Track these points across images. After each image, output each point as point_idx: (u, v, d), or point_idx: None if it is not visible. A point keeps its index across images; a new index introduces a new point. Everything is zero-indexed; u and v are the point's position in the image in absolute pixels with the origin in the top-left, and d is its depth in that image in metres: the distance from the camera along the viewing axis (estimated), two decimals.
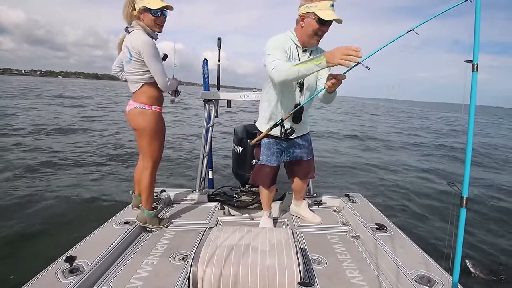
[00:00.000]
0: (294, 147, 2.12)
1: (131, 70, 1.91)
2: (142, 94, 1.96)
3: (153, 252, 1.83)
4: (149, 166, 2.07)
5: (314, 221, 2.29)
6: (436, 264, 1.64)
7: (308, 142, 2.17)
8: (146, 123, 1.97)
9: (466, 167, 0.97)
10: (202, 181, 2.91)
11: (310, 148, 2.20)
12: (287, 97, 1.91)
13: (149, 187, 2.09)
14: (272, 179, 2.14)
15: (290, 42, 1.82)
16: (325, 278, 1.60)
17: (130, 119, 2.00)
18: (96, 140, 8.48)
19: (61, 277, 1.43)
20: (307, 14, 1.70)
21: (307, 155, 2.18)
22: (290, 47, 1.81)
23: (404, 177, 6.18)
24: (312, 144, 2.24)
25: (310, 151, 2.19)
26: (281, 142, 2.06)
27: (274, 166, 2.09)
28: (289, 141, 2.06)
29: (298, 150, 2.13)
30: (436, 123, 18.14)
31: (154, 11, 1.84)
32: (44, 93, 25.84)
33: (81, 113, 14.31)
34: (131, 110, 1.98)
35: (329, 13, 1.64)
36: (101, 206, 4.08)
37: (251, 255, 1.42)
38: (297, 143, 2.11)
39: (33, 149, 6.93)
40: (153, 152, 2.05)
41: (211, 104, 2.97)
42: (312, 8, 1.67)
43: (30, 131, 8.98)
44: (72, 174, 5.39)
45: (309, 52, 1.88)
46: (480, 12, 0.94)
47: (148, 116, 1.96)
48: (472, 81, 0.95)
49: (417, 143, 10.67)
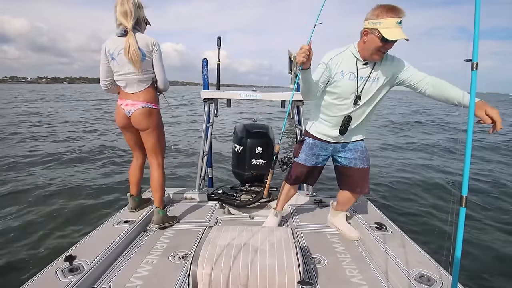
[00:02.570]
0: (345, 151, 1.99)
1: (142, 70, 1.93)
2: (148, 94, 2.00)
3: (153, 251, 1.83)
4: (161, 163, 2.13)
5: (351, 235, 2.08)
6: (436, 263, 1.64)
7: (362, 148, 1.99)
8: (156, 121, 2.05)
9: (466, 166, 0.97)
10: (201, 180, 2.91)
11: (366, 156, 1.99)
12: (338, 107, 1.86)
13: (164, 184, 2.15)
14: (301, 178, 2.09)
15: (346, 57, 1.78)
16: (325, 277, 1.61)
17: (137, 119, 1.99)
18: (97, 139, 8.48)
19: (60, 276, 1.43)
20: (371, 31, 1.61)
21: (361, 162, 1.97)
22: (340, 63, 1.77)
23: (404, 176, 6.18)
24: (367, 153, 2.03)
25: (364, 158, 1.98)
26: (327, 145, 2.00)
27: (309, 167, 2.04)
28: (338, 144, 1.99)
29: (349, 154, 1.98)
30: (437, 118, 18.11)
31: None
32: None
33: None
34: (137, 110, 1.96)
35: (395, 32, 1.54)
36: (100, 205, 4.08)
37: (251, 254, 1.42)
38: (348, 147, 1.98)
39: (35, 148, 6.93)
40: (162, 148, 2.13)
41: (211, 103, 2.97)
42: (377, 24, 1.57)
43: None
44: (72, 173, 5.39)
45: (372, 64, 1.76)
46: (480, 11, 0.93)
47: (156, 115, 2.04)
48: (471, 80, 0.95)
49: (417, 141, 10.67)
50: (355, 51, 1.76)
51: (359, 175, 1.99)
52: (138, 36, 1.90)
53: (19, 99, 25.77)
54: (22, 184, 4.71)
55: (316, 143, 2.01)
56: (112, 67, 1.97)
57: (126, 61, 1.90)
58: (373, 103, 1.84)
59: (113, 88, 2.08)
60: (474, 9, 0.93)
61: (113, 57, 1.92)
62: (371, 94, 1.79)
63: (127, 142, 2.20)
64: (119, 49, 1.89)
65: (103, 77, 2.03)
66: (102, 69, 2.01)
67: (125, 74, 1.95)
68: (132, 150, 2.24)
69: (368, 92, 1.78)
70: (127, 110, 1.99)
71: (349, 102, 1.81)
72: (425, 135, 12.86)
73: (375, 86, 1.77)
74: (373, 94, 1.80)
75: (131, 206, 2.29)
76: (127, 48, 1.85)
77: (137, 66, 1.90)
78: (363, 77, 1.76)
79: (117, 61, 1.93)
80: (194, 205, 2.60)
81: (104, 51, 1.94)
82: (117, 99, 2.06)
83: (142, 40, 1.90)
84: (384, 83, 1.78)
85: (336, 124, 1.88)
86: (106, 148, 7.51)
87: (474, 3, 0.93)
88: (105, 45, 1.94)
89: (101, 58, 1.98)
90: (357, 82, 1.76)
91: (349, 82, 1.77)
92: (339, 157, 2.03)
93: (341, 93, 1.80)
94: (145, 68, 1.95)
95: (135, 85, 1.97)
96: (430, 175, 6.31)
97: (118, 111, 2.05)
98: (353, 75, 1.76)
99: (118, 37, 1.89)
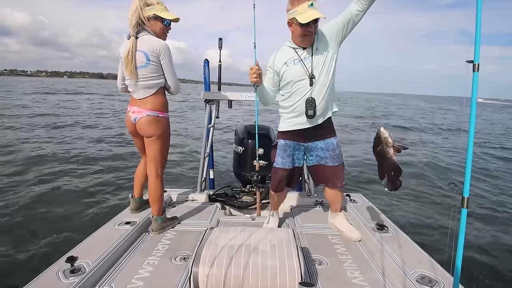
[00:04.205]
0: (317, 150, 2.01)
1: (147, 75, 1.88)
2: (155, 101, 1.93)
3: (154, 252, 1.83)
4: (160, 173, 2.07)
5: (352, 236, 2.06)
6: (437, 264, 1.64)
7: (334, 146, 2.00)
8: (161, 130, 1.97)
9: (467, 166, 0.97)
10: (203, 182, 2.91)
11: (337, 154, 2.01)
12: (298, 93, 1.90)
13: (162, 195, 2.10)
14: (284, 183, 2.07)
15: (284, 50, 1.92)
16: (326, 278, 1.60)
17: (141, 127, 1.95)
18: (99, 138, 8.50)
19: (62, 278, 1.44)
20: (291, 20, 1.77)
21: (332, 161, 2.00)
22: (281, 58, 1.91)
23: (404, 176, 6.18)
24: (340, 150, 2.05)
25: (335, 156, 2.00)
26: (299, 144, 2.02)
27: (288, 169, 2.03)
28: (310, 143, 2.00)
29: (320, 153, 2.00)
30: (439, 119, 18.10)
31: (167, 22, 1.92)
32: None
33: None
34: (142, 118, 1.92)
35: (308, 15, 1.67)
36: (102, 206, 4.09)
37: (252, 255, 1.42)
38: (320, 146, 2.00)
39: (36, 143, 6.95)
40: (163, 158, 2.06)
41: (212, 104, 2.97)
42: (293, 13, 1.72)
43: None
44: (72, 173, 5.40)
45: (311, 48, 1.86)
46: (481, 12, 0.94)
47: (161, 123, 1.97)
48: (473, 81, 0.95)
49: (418, 142, 10.65)
50: (290, 43, 1.90)
51: (330, 172, 2.03)
52: (145, 40, 1.84)
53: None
54: (22, 182, 4.72)
55: (288, 144, 2.02)
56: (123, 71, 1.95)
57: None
58: (328, 74, 1.88)
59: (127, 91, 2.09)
60: (476, 8, 0.94)
61: (121, 61, 1.90)
62: (321, 65, 1.85)
63: (136, 146, 2.19)
64: (122, 52, 1.87)
65: (119, 80, 2.06)
66: (119, 71, 2.02)
67: (128, 79, 1.93)
68: (140, 153, 2.22)
69: (318, 65, 1.85)
70: (133, 117, 1.96)
71: (305, 84, 1.87)
72: (425, 135, 12.84)
73: (321, 56, 1.85)
74: (324, 64, 1.86)
75: (132, 207, 2.28)
76: (125, 55, 1.82)
77: (129, 72, 1.85)
78: (306, 57, 1.86)
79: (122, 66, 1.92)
80: (196, 206, 2.60)
81: (119, 54, 1.93)
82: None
83: (148, 44, 1.84)
84: (329, 49, 1.86)
85: (302, 110, 1.89)
86: (108, 148, 7.52)
87: (476, 2, 0.94)
88: (119, 49, 1.93)
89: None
90: (303, 63, 1.86)
91: (296, 67, 1.87)
92: (311, 155, 2.04)
93: (294, 79, 1.88)
94: (149, 74, 1.88)
95: (140, 91, 1.92)
96: (431, 176, 6.31)
97: (126, 117, 2.04)
98: (297, 60, 1.87)
99: (126, 40, 1.87)
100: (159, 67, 1.89)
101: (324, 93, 1.88)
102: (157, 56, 1.86)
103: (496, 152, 9.67)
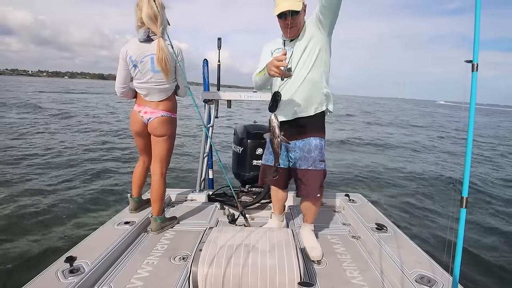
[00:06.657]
0: (294, 150, 1.84)
1: (164, 79, 1.87)
2: (169, 102, 1.98)
3: (153, 252, 1.83)
4: (164, 172, 2.09)
5: (310, 254, 1.79)
6: (437, 264, 1.64)
7: (310, 147, 1.79)
8: (172, 130, 2.03)
9: (466, 167, 0.97)
10: (202, 182, 2.91)
11: (313, 156, 1.78)
12: (275, 85, 1.86)
13: (164, 195, 2.11)
14: (268, 179, 1.98)
15: (276, 41, 1.91)
16: (325, 278, 1.60)
17: (155, 127, 1.96)
18: (98, 138, 8.49)
19: (61, 277, 1.43)
20: (275, 15, 1.74)
21: (305, 163, 1.78)
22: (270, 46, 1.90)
23: (404, 177, 6.18)
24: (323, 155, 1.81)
25: (311, 159, 1.78)
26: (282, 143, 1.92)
27: (271, 166, 1.91)
28: (291, 142, 1.81)
29: (294, 153, 1.83)
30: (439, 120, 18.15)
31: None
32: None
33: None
34: (156, 118, 1.94)
35: (279, 7, 1.64)
36: (101, 206, 4.08)
37: (252, 255, 1.42)
38: (297, 145, 1.82)
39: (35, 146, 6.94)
40: (169, 157, 2.11)
41: (211, 104, 2.97)
42: (274, 9, 1.69)
43: None
44: (72, 173, 5.39)
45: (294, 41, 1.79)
46: (480, 11, 0.94)
47: (173, 124, 2.03)
48: (472, 81, 0.95)
49: (417, 142, 10.67)
50: (282, 36, 1.87)
51: (302, 176, 1.81)
52: (164, 44, 1.79)
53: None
54: (21, 182, 4.71)
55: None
56: (132, 74, 1.90)
57: (150, 69, 1.82)
58: (306, 69, 1.76)
59: (129, 94, 2.02)
60: (475, 9, 0.94)
61: (135, 64, 1.83)
62: (298, 59, 1.76)
63: (137, 146, 2.17)
64: (143, 56, 1.80)
65: (120, 82, 1.95)
66: (120, 74, 1.92)
67: (147, 83, 1.88)
68: (140, 153, 2.21)
69: (296, 59, 1.76)
70: (146, 118, 1.95)
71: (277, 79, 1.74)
72: (425, 135, 12.86)
73: (300, 50, 1.75)
74: (301, 58, 1.76)
75: (131, 207, 2.28)
76: (161, 57, 1.75)
77: (168, 76, 1.84)
78: (288, 50, 1.76)
79: (140, 69, 1.84)
80: (195, 206, 2.60)
81: (125, 56, 1.85)
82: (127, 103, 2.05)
83: (168, 48, 1.82)
84: (309, 42, 1.75)
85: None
86: (108, 148, 7.51)
87: (474, 2, 0.94)
88: (125, 50, 1.84)
89: (119, 63, 1.88)
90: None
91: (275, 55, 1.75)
92: (290, 156, 1.89)
93: None
94: (168, 78, 1.88)
95: (156, 94, 1.90)
96: (431, 175, 6.32)
97: (135, 117, 1.99)
98: (281, 49, 1.80)
99: (140, 43, 1.80)
100: (174, 70, 1.90)
101: (298, 87, 1.75)
102: (175, 60, 1.86)
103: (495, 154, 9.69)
